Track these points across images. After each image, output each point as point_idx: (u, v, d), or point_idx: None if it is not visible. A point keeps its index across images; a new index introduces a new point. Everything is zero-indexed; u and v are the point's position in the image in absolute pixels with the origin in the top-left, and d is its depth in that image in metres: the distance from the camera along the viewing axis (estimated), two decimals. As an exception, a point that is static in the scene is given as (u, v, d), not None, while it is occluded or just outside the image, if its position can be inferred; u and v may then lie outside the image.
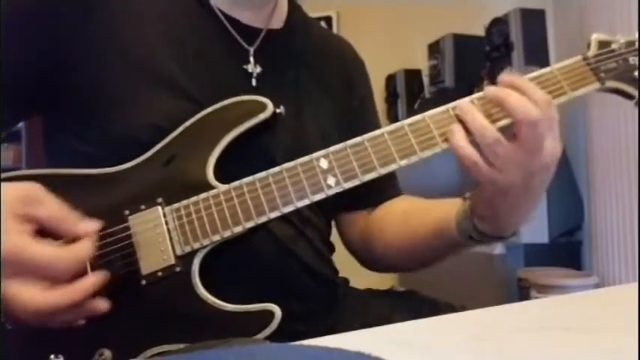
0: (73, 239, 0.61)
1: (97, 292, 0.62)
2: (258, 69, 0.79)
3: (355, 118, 0.89)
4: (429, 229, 0.79)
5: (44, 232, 0.59)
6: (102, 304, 0.62)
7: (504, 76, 0.68)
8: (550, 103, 0.65)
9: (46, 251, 0.57)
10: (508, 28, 2.44)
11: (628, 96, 0.73)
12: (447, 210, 0.77)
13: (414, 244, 0.83)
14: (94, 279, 0.61)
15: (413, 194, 0.92)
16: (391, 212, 0.89)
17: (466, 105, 0.68)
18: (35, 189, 0.59)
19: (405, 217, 0.86)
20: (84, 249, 0.60)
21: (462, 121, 0.67)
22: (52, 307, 0.57)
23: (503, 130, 0.66)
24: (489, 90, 0.67)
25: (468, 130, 0.66)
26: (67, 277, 0.59)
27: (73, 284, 0.59)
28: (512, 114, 0.65)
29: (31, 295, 0.56)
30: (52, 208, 0.60)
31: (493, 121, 0.66)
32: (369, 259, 0.90)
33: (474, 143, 0.66)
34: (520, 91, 0.65)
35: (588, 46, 0.73)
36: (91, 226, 0.62)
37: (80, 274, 0.60)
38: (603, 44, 0.73)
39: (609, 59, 0.72)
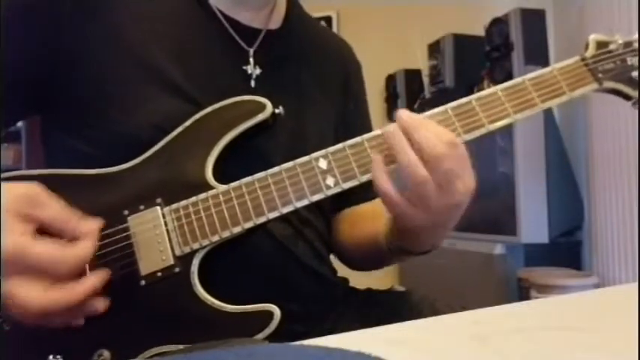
0: (74, 239, 0.61)
1: (97, 292, 0.62)
2: (258, 70, 0.79)
3: (349, 119, 0.90)
4: (365, 237, 0.82)
5: (44, 232, 0.59)
6: (101, 304, 0.62)
7: (401, 117, 0.65)
8: (453, 144, 0.64)
9: (48, 250, 0.57)
10: (508, 28, 2.44)
11: (626, 97, 0.73)
12: (379, 220, 0.78)
13: (356, 249, 0.85)
14: (94, 279, 0.61)
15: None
16: (349, 215, 0.90)
17: (397, 134, 0.65)
18: (37, 190, 0.60)
19: (355, 221, 0.88)
20: (86, 248, 0.60)
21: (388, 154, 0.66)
22: (53, 306, 0.57)
23: None
24: (389, 129, 0.65)
25: (391, 161, 0.66)
26: (69, 276, 0.59)
27: (73, 284, 0.59)
28: (419, 149, 0.63)
29: (31, 294, 0.57)
30: (55, 208, 0.60)
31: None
32: (338, 256, 0.92)
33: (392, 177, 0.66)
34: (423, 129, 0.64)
35: (586, 46, 0.74)
36: (93, 225, 0.62)
37: (80, 274, 0.60)
38: (601, 45, 0.73)
39: (607, 60, 0.72)
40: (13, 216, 0.57)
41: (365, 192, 0.90)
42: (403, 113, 0.65)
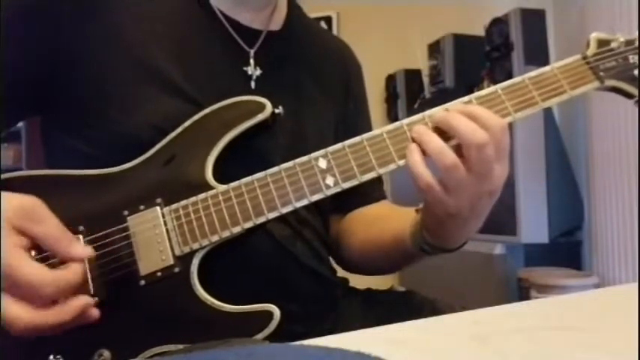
0: (65, 260, 0.59)
1: (95, 294, 0.62)
2: (258, 71, 0.79)
3: (351, 120, 0.90)
4: (387, 239, 0.80)
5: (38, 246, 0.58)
6: (93, 314, 0.60)
7: (453, 106, 0.67)
8: (502, 129, 0.64)
9: (34, 273, 0.55)
10: (508, 28, 2.44)
11: (627, 95, 0.73)
12: (404, 221, 0.77)
13: (373, 250, 0.84)
14: (85, 301, 0.59)
15: (410, 195, 0.92)
16: (362, 216, 0.89)
17: (421, 127, 0.67)
18: (36, 205, 0.58)
19: (371, 222, 0.87)
20: (74, 273, 0.58)
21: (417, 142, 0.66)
22: (37, 326, 0.56)
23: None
24: (436, 116, 0.67)
25: (424, 152, 0.66)
26: (53, 299, 0.57)
27: (61, 305, 0.57)
28: (459, 137, 0.64)
29: (17, 313, 0.55)
30: (49, 227, 0.58)
31: (445, 140, 0.66)
32: (340, 260, 0.91)
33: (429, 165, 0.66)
34: (471, 117, 0.65)
35: (587, 44, 0.73)
36: (85, 251, 0.60)
37: (76, 287, 0.59)
38: (602, 43, 0.73)
39: (608, 58, 0.72)
40: (9, 228, 0.55)
41: (373, 192, 0.90)
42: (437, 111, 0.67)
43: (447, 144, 0.65)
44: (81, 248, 0.60)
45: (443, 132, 0.66)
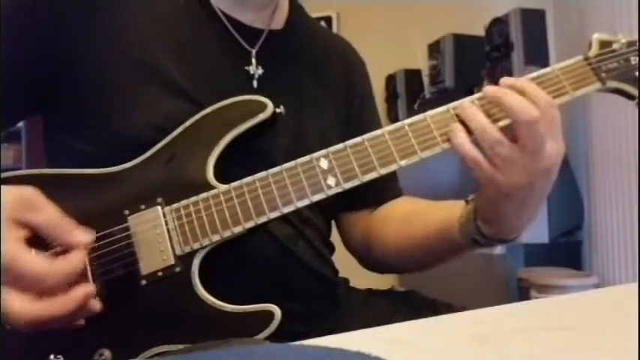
0: (66, 248, 0.59)
1: (96, 293, 0.62)
2: (260, 70, 0.79)
3: (356, 118, 0.89)
4: (431, 232, 0.79)
5: (40, 237, 0.58)
6: (96, 306, 0.61)
7: (505, 79, 0.67)
8: (551, 104, 0.65)
9: (35, 264, 0.55)
10: (508, 28, 2.44)
11: (629, 96, 0.72)
12: (449, 212, 0.76)
13: (414, 245, 0.82)
14: (86, 290, 0.59)
15: (413, 195, 0.92)
16: (392, 213, 0.88)
17: (467, 105, 0.67)
18: (34, 194, 0.57)
19: (406, 218, 0.85)
20: (75, 261, 0.58)
21: (462, 122, 0.67)
22: (40, 318, 0.56)
23: (504, 130, 0.66)
24: (488, 89, 0.67)
25: (469, 131, 0.66)
26: (56, 289, 0.57)
27: (64, 295, 0.57)
28: (510, 113, 0.64)
29: (21, 305, 0.55)
30: (49, 215, 0.58)
31: (494, 122, 0.66)
32: (369, 260, 0.90)
33: (475, 143, 0.66)
34: (519, 92, 0.65)
35: (589, 45, 0.73)
36: (86, 237, 0.60)
37: (77, 278, 0.59)
38: (604, 44, 0.72)
39: (610, 59, 0.71)
40: (6, 220, 0.55)
41: (392, 188, 0.89)
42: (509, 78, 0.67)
43: (498, 124, 0.66)
44: (81, 235, 0.59)
45: (488, 114, 0.66)
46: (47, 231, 0.58)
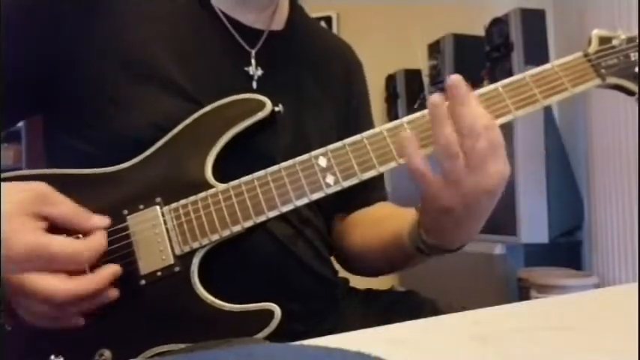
0: (86, 234, 0.63)
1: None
2: (260, 71, 0.79)
3: (353, 119, 0.90)
4: (386, 238, 0.79)
5: (54, 230, 0.61)
6: (114, 292, 0.64)
7: (455, 83, 0.64)
8: (491, 126, 0.63)
9: (65, 244, 0.60)
10: (508, 28, 2.44)
11: (629, 92, 0.72)
12: (404, 220, 0.76)
13: (373, 251, 0.83)
14: (114, 268, 0.63)
15: (410, 195, 0.92)
16: (363, 217, 0.89)
17: (439, 112, 0.64)
18: (46, 188, 0.61)
19: (372, 223, 0.86)
20: (99, 241, 0.63)
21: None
22: (76, 295, 0.60)
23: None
24: (433, 101, 0.64)
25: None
26: (86, 266, 0.61)
27: (93, 274, 0.62)
28: (460, 123, 0.62)
29: (56, 285, 0.59)
30: (65, 205, 0.62)
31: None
32: (342, 261, 0.91)
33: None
34: (460, 104, 0.63)
35: (589, 42, 0.72)
36: (102, 221, 0.64)
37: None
38: (604, 40, 0.72)
39: (610, 55, 0.71)
40: (25, 214, 0.58)
41: (374, 192, 0.89)
42: (456, 80, 0.64)
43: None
44: (99, 219, 0.64)
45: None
46: (66, 220, 0.62)
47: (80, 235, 0.63)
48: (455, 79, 0.64)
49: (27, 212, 0.58)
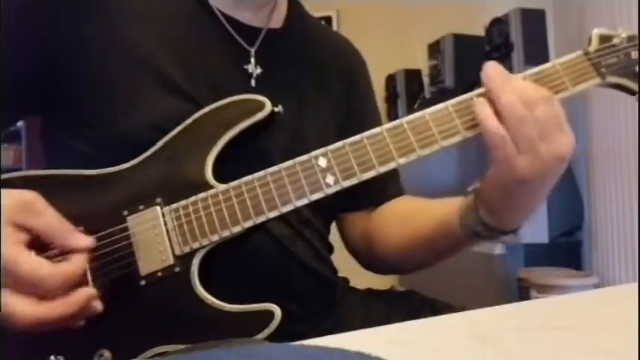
0: (67, 252, 0.60)
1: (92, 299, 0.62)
2: (259, 70, 0.79)
3: (356, 118, 0.89)
4: (431, 228, 0.78)
5: (40, 241, 0.59)
6: (98, 306, 0.61)
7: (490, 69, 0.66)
8: (547, 98, 0.64)
9: (36, 266, 0.56)
10: (508, 28, 2.44)
11: (629, 91, 0.72)
12: (449, 207, 0.75)
13: (416, 244, 0.81)
14: (88, 292, 0.60)
15: (412, 193, 0.92)
16: (393, 212, 0.88)
17: (497, 79, 0.65)
18: (34, 198, 0.58)
19: (406, 216, 0.84)
20: (76, 264, 0.59)
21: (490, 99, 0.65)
22: (43, 320, 0.56)
23: None
24: (487, 73, 0.66)
25: (495, 107, 0.64)
26: (57, 292, 0.57)
27: (65, 298, 0.58)
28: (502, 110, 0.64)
29: (23, 307, 0.55)
30: (50, 219, 0.59)
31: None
32: (371, 261, 0.90)
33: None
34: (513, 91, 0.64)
35: (589, 40, 0.72)
36: (86, 241, 0.61)
37: (78, 281, 0.59)
38: (604, 39, 0.72)
39: (610, 54, 0.71)
40: (7, 224, 0.56)
41: (393, 187, 0.89)
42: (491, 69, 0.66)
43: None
44: (82, 238, 0.60)
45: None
46: (47, 235, 0.58)
47: (56, 258, 0.60)
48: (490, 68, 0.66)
49: (9, 222, 0.56)
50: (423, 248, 0.81)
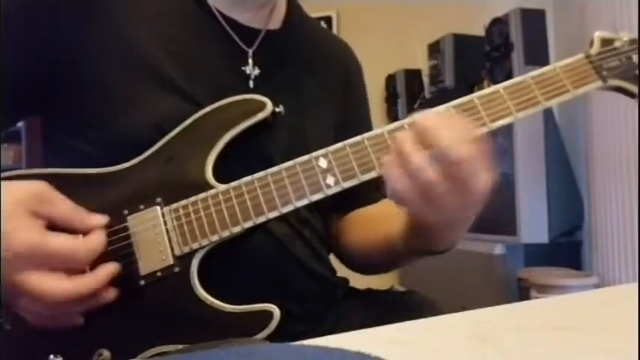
0: (84, 233, 0.63)
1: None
2: (257, 71, 0.79)
3: (351, 119, 0.89)
4: (380, 238, 0.80)
5: (53, 229, 0.61)
6: (111, 293, 0.64)
7: (419, 120, 0.61)
8: (471, 145, 0.59)
9: (64, 242, 0.60)
10: (508, 28, 2.44)
11: (630, 94, 0.72)
12: (396, 219, 0.74)
13: (371, 250, 0.83)
14: (112, 267, 0.63)
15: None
16: (360, 216, 0.89)
17: (402, 139, 0.62)
18: (46, 188, 0.62)
19: (368, 222, 0.86)
20: (97, 240, 0.63)
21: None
22: (74, 294, 0.60)
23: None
24: (420, 123, 0.61)
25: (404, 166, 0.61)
26: (85, 266, 0.62)
27: (92, 273, 0.62)
28: (439, 150, 0.59)
29: (53, 284, 0.59)
30: (63, 205, 0.62)
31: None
32: (342, 258, 0.91)
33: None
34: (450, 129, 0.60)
35: (591, 43, 0.72)
36: (100, 219, 0.65)
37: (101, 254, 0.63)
38: (606, 42, 0.72)
39: (612, 57, 0.71)
40: (24, 213, 0.58)
41: (373, 192, 0.89)
42: (420, 117, 0.61)
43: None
44: (98, 217, 0.65)
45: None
46: (64, 220, 0.62)
47: (80, 235, 0.63)
48: (419, 118, 0.61)
49: (26, 211, 0.59)
50: (377, 254, 0.83)
